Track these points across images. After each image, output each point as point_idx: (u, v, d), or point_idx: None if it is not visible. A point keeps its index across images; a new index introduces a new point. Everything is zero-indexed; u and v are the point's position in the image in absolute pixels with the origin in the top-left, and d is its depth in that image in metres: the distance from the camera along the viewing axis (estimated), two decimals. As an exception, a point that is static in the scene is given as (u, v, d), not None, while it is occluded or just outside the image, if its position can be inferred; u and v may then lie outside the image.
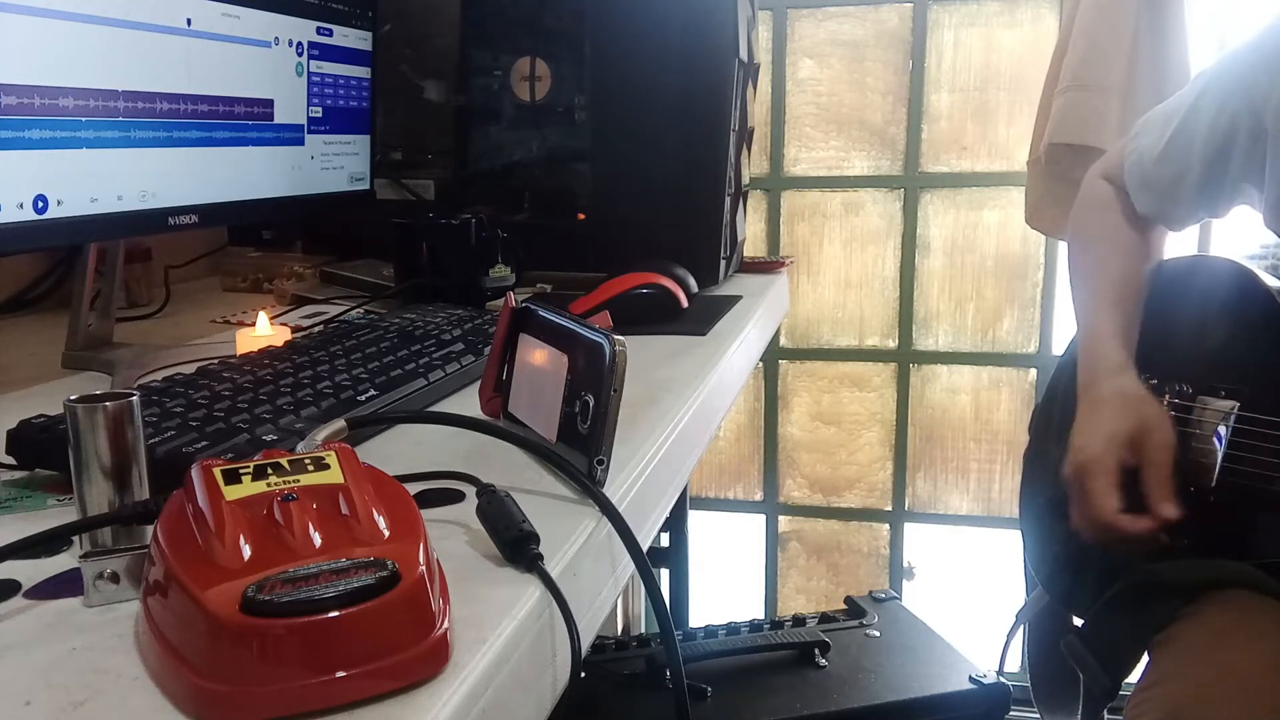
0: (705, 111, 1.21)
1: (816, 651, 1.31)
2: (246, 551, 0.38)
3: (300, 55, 1.06)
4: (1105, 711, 1.05)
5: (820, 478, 2.21)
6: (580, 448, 0.57)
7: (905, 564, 2.21)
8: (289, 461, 0.44)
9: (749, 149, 1.38)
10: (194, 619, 0.36)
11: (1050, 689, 1.21)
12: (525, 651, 0.43)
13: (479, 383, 0.70)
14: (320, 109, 1.10)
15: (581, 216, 1.27)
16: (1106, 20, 1.61)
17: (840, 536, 2.24)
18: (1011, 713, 1.29)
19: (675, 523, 1.85)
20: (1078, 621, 1.09)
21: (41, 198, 0.74)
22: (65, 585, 0.45)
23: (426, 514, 0.46)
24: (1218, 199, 1.04)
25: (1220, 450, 0.98)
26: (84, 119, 0.78)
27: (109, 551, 0.44)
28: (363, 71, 1.18)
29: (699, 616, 2.14)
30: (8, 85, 0.70)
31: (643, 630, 2.17)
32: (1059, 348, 1.26)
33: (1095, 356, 1.05)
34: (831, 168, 2.08)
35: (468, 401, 0.73)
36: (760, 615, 1.79)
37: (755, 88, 1.37)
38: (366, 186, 1.22)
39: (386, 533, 0.40)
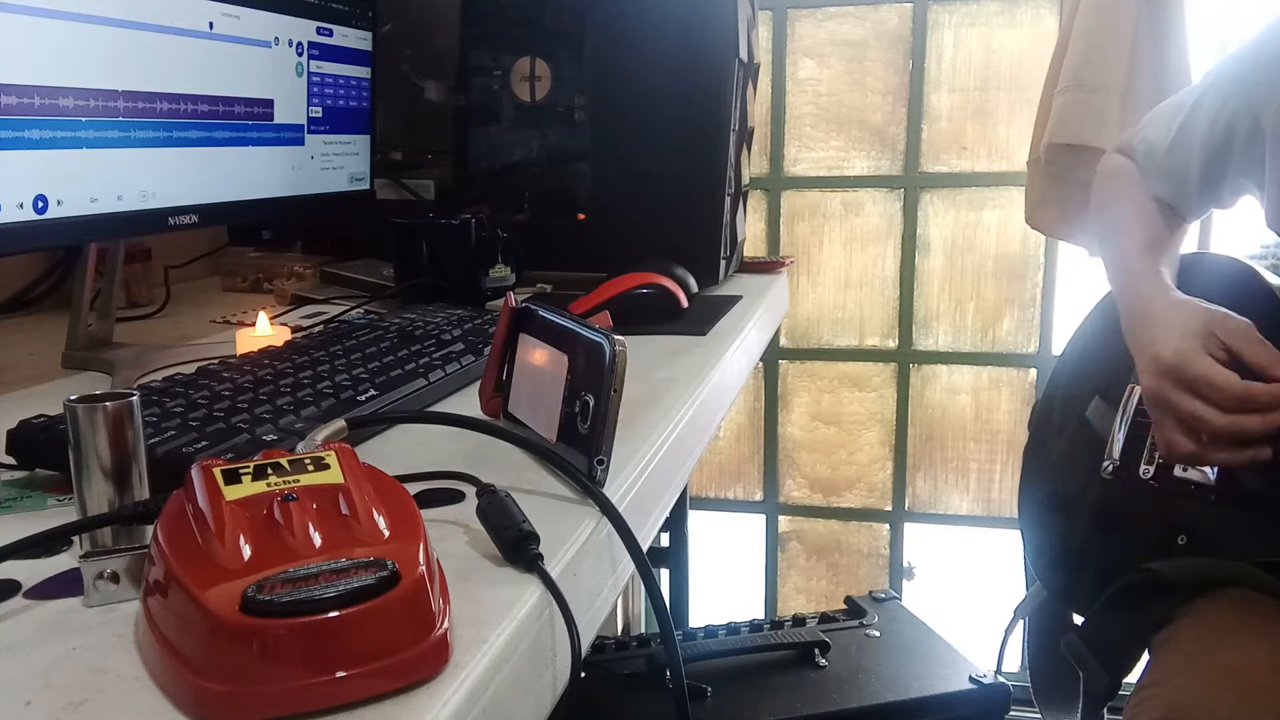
0: (705, 111, 1.21)
1: (816, 651, 1.31)
2: (246, 551, 0.38)
3: (300, 55, 1.06)
4: (1105, 710, 1.05)
5: (820, 478, 2.21)
6: (580, 448, 0.57)
7: (905, 564, 2.21)
8: (289, 461, 0.44)
9: (749, 149, 1.38)
10: (194, 619, 0.36)
11: (1050, 688, 1.21)
12: (525, 651, 0.43)
13: (479, 383, 0.70)
14: (320, 109, 1.10)
15: (581, 216, 1.27)
16: (1106, 20, 1.61)
17: (840, 536, 2.24)
18: (1011, 712, 1.29)
19: (675, 523, 1.85)
20: (1077, 620, 1.09)
21: (41, 198, 0.74)
22: (65, 585, 0.45)
23: (426, 514, 0.46)
24: (1220, 195, 1.05)
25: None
26: (84, 119, 0.78)
27: (109, 551, 0.44)
28: (363, 71, 1.18)
29: (699, 616, 2.14)
30: (8, 85, 0.70)
31: (643, 630, 2.17)
32: (1059, 348, 1.26)
33: (1142, 290, 1.02)
34: (831, 168, 2.08)
35: (468, 401, 0.73)
36: (760, 615, 1.79)
37: (755, 88, 1.37)
38: (366, 186, 1.22)
39: (386, 533, 0.40)
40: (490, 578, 0.46)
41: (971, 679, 1.28)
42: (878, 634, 1.38)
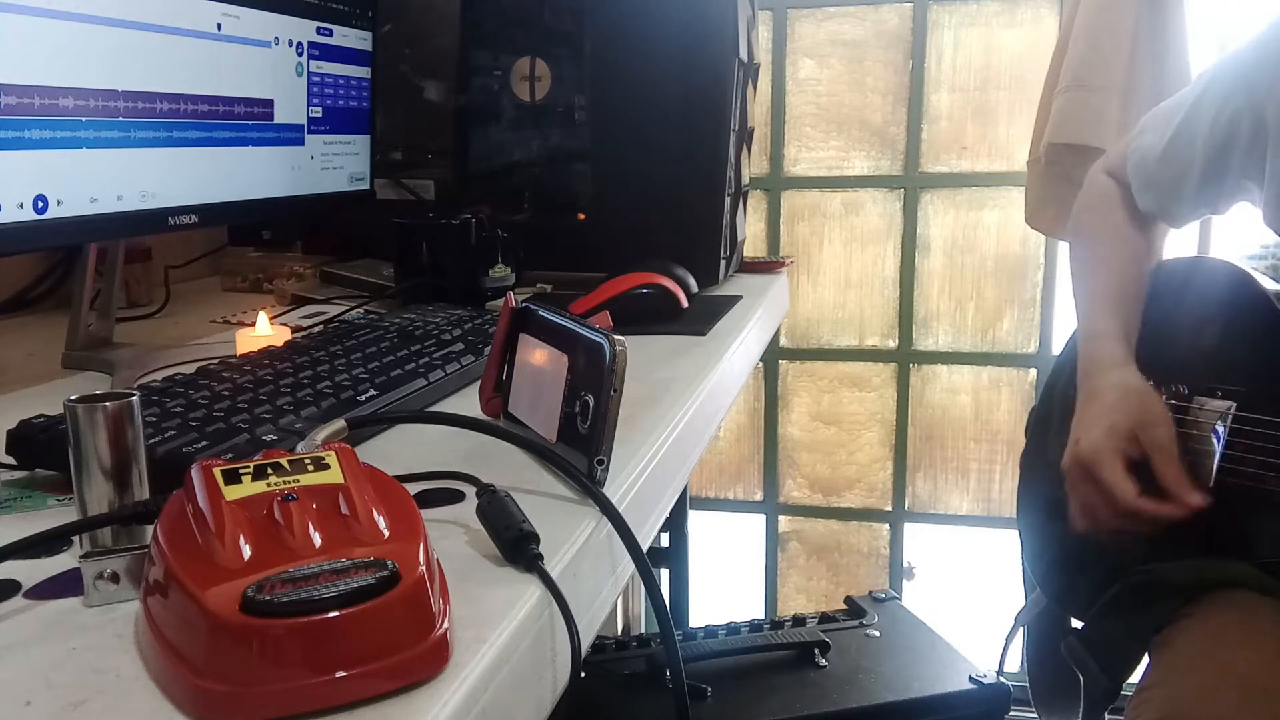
0: (705, 111, 1.21)
1: (816, 651, 1.31)
2: (246, 551, 0.38)
3: (300, 55, 1.06)
4: (1106, 713, 1.05)
5: (820, 478, 2.21)
6: (580, 448, 0.57)
7: (905, 564, 2.21)
8: (289, 461, 0.44)
9: (749, 149, 1.38)
10: (194, 619, 0.36)
11: (1050, 692, 1.21)
12: (525, 651, 0.43)
13: (479, 383, 0.70)
14: (320, 109, 1.10)
15: (581, 216, 1.27)
16: (1106, 20, 1.61)
17: (840, 536, 2.24)
18: (1011, 713, 1.29)
19: (675, 523, 1.85)
20: (1077, 624, 1.09)
21: (41, 198, 0.74)
22: (65, 585, 0.45)
23: (426, 514, 0.46)
24: (1219, 196, 1.04)
25: (1218, 451, 0.98)
26: (84, 119, 0.78)
27: (109, 551, 0.44)
28: (363, 71, 1.18)
29: (699, 616, 2.14)
30: (8, 85, 0.70)
31: (643, 630, 2.17)
32: (1059, 348, 1.26)
33: (1095, 352, 1.05)
34: (831, 168, 2.08)
35: (468, 401, 0.73)
36: (760, 615, 1.79)
37: (755, 88, 1.37)
38: (366, 186, 1.22)
39: (386, 533, 0.40)
40: (490, 578, 0.46)
41: (971, 679, 1.28)
42: (878, 634, 1.38)
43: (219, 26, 0.92)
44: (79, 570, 0.44)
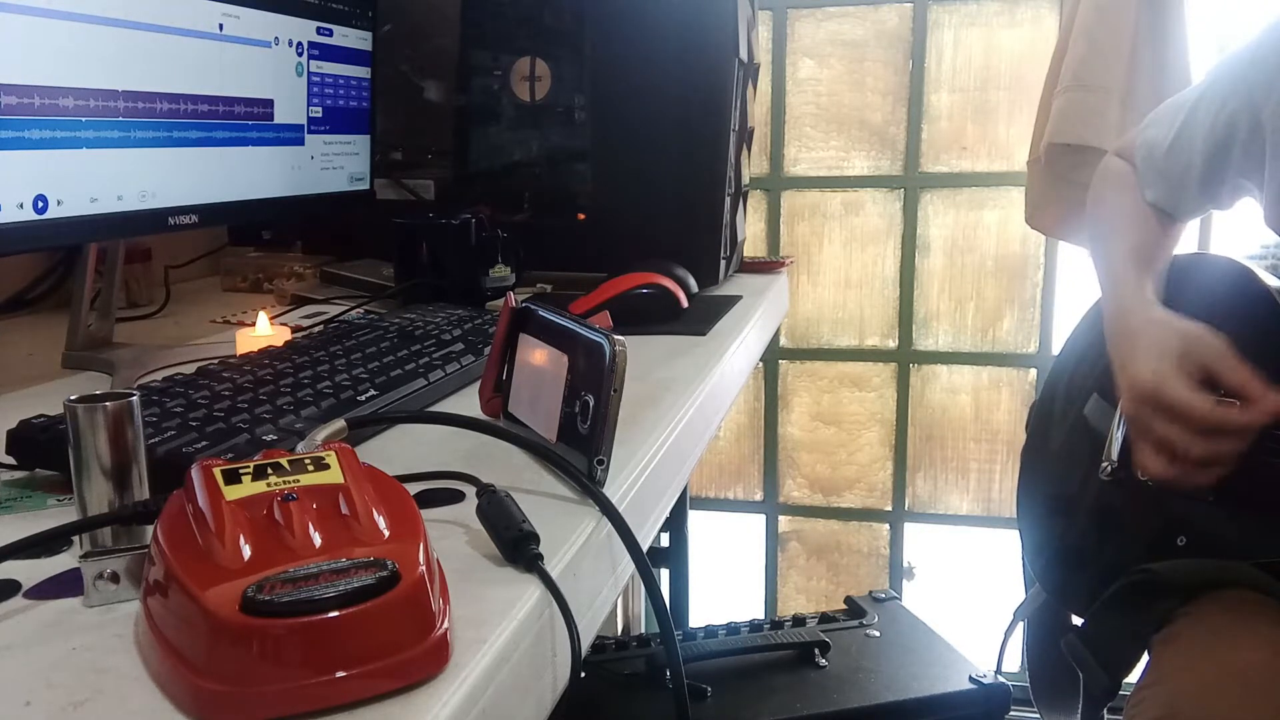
0: (705, 111, 1.21)
1: (816, 651, 1.31)
2: (246, 551, 0.38)
3: (300, 55, 1.06)
4: (1105, 711, 1.05)
5: (820, 478, 2.21)
6: (580, 448, 0.57)
7: (905, 564, 2.21)
8: (289, 461, 0.44)
9: (749, 149, 1.38)
10: (194, 619, 0.36)
11: (1050, 688, 1.21)
12: (525, 651, 0.43)
13: (479, 383, 0.70)
14: (320, 109, 1.10)
15: (581, 216, 1.27)
16: (1106, 20, 1.61)
17: (840, 536, 2.24)
18: (1011, 713, 1.29)
19: (675, 523, 1.85)
20: (1077, 621, 1.09)
21: (41, 198, 0.74)
22: (65, 585, 0.45)
23: (426, 514, 0.46)
24: (1219, 194, 1.05)
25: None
26: (84, 119, 0.78)
27: (109, 551, 0.44)
28: (363, 71, 1.18)
29: (699, 616, 2.14)
30: (8, 85, 0.70)
31: (643, 630, 2.17)
32: (1059, 347, 1.27)
33: (1124, 300, 1.03)
34: (831, 168, 2.08)
35: (468, 401, 0.73)
36: (760, 615, 1.79)
37: (755, 88, 1.37)
38: (366, 186, 1.22)
39: (386, 533, 0.40)
40: (490, 578, 0.46)
41: (971, 679, 1.28)
42: (878, 634, 1.38)
43: (220, 27, 0.92)
44: (79, 570, 0.44)
